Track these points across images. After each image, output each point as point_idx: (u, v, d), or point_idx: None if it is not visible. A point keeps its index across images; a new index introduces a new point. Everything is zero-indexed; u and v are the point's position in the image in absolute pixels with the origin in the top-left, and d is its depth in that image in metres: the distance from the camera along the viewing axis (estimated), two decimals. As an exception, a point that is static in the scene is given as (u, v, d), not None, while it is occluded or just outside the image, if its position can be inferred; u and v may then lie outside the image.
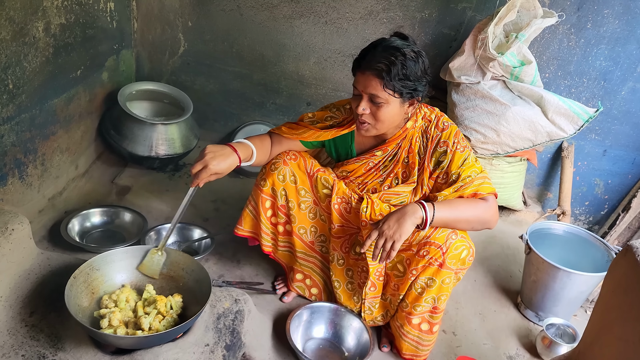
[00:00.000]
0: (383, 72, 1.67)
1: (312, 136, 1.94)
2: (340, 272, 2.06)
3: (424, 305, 1.84)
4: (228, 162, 1.71)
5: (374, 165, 1.98)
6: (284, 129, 1.97)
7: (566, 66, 2.85)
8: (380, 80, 1.68)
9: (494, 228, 1.87)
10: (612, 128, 2.95)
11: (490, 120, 2.63)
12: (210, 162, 1.67)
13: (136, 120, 2.69)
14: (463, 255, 1.77)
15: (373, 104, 1.74)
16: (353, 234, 2.01)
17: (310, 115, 2.00)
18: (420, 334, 1.90)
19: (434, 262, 1.77)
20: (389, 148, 1.93)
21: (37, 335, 1.54)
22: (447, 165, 1.84)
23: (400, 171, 1.95)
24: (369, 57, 1.71)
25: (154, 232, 2.35)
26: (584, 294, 2.22)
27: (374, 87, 1.70)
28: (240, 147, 1.79)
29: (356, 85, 1.75)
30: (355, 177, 2.01)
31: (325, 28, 2.97)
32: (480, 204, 1.79)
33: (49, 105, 2.28)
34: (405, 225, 1.68)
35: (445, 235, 1.76)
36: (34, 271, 1.76)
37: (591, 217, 3.23)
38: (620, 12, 2.67)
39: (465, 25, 2.84)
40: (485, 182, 1.83)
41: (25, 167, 2.20)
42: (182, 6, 3.01)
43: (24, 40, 2.03)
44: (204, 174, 1.66)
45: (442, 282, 1.79)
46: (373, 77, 1.69)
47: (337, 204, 1.97)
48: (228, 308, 1.77)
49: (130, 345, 1.53)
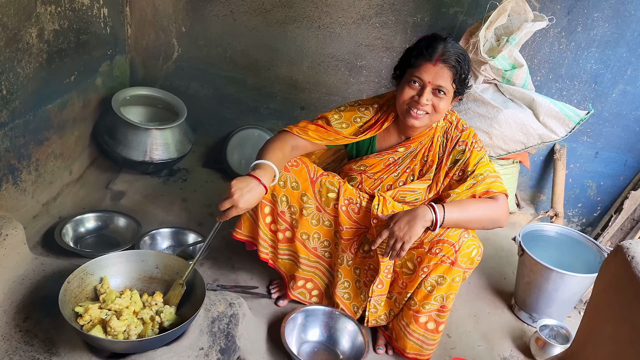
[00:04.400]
0: (456, 67, 1.78)
1: (344, 141, 1.96)
2: (348, 272, 2.06)
3: (432, 303, 1.86)
4: (256, 196, 1.68)
5: (393, 161, 2.00)
6: (312, 134, 1.93)
7: (557, 69, 2.87)
8: (452, 74, 1.79)
9: (489, 230, 1.91)
10: (603, 130, 2.98)
11: (483, 123, 2.64)
12: (239, 202, 1.62)
13: (130, 125, 2.69)
14: (473, 254, 1.81)
15: (434, 95, 1.81)
16: (362, 234, 2.01)
17: (336, 116, 1.98)
18: (425, 333, 1.91)
19: (446, 260, 1.79)
20: (412, 145, 1.97)
21: (32, 341, 1.54)
22: (464, 162, 1.90)
23: (417, 168, 1.99)
24: (440, 50, 1.78)
25: (148, 237, 2.35)
26: (577, 295, 2.24)
27: (445, 79, 1.79)
28: (263, 173, 1.73)
29: (420, 75, 1.80)
30: (374, 173, 2.02)
31: (318, 33, 2.99)
32: (490, 203, 1.84)
33: (42, 111, 2.29)
34: (415, 228, 1.72)
35: (458, 234, 1.79)
36: (28, 276, 1.76)
37: (584, 219, 3.25)
38: (610, 16, 2.70)
39: (456, 30, 2.86)
40: (497, 181, 1.88)
41: (19, 172, 2.20)
42: (176, 12, 3.02)
43: (17, 46, 2.03)
44: (233, 211, 1.64)
45: (452, 281, 1.82)
46: (447, 70, 1.78)
47: (345, 206, 1.97)
48: (223, 312, 1.77)
49: (124, 349, 1.53)
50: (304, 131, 1.93)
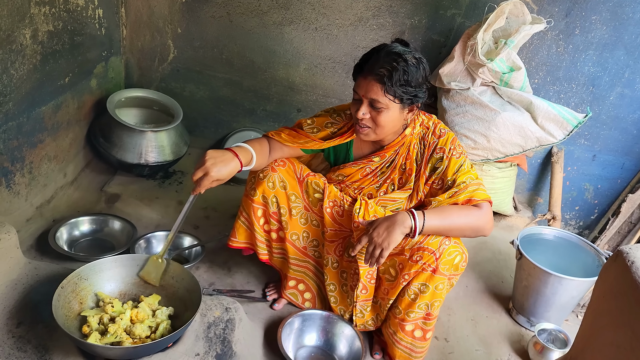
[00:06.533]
0: (385, 77, 1.68)
1: (314, 146, 1.93)
2: (334, 275, 2.05)
3: (417, 311, 1.83)
4: (230, 168, 1.67)
5: (371, 171, 1.97)
6: (284, 136, 1.94)
7: (555, 72, 2.87)
8: (382, 86, 1.69)
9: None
10: (601, 133, 2.98)
11: (480, 126, 2.64)
12: (211, 169, 1.62)
13: (125, 127, 2.66)
14: (456, 261, 1.76)
15: (373, 108, 1.75)
16: (346, 237, 2.00)
17: (309, 121, 1.98)
18: (413, 341, 1.89)
19: (427, 268, 1.76)
20: (386, 154, 1.93)
21: (25, 347, 1.52)
22: (443, 171, 1.85)
23: (396, 177, 1.95)
24: (371, 62, 1.71)
25: (143, 241, 2.33)
26: (575, 299, 2.23)
27: (375, 92, 1.70)
28: (241, 151, 1.74)
29: (357, 90, 1.76)
30: (352, 182, 2.00)
31: (315, 35, 2.97)
32: (473, 211, 1.78)
33: (36, 113, 2.26)
34: (393, 235, 1.68)
35: (438, 241, 1.75)
36: (22, 281, 1.74)
37: (581, 222, 3.25)
38: (608, 19, 2.70)
39: (454, 32, 2.86)
40: (480, 188, 1.82)
41: (12, 175, 2.18)
42: (172, 13, 3.00)
43: (10, 47, 2.01)
44: (205, 181, 1.63)
45: (435, 288, 1.78)
46: (375, 82, 1.70)
47: (330, 208, 1.96)
48: (219, 317, 1.76)
49: (119, 355, 1.51)
50: (277, 134, 1.96)
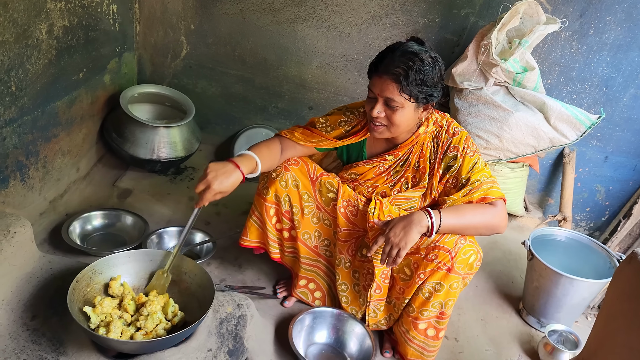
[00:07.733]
0: (400, 76, 1.67)
1: (328, 144, 1.93)
2: (346, 275, 2.05)
3: (431, 310, 1.84)
4: (231, 181, 1.65)
5: (384, 170, 1.97)
6: (297, 135, 1.94)
7: (568, 72, 2.85)
8: (397, 85, 1.69)
9: (496, 234, 1.87)
10: (613, 135, 2.96)
11: (493, 126, 2.63)
12: (213, 182, 1.61)
13: (138, 123, 2.68)
14: (471, 260, 1.77)
15: (388, 107, 1.75)
16: (360, 236, 2.00)
17: (322, 120, 1.97)
18: (426, 340, 1.89)
19: (442, 267, 1.77)
20: (400, 153, 1.93)
21: (39, 339, 1.54)
22: (457, 169, 1.85)
23: (410, 176, 1.95)
24: (386, 61, 1.71)
25: (155, 236, 2.35)
26: (586, 300, 2.22)
27: (390, 91, 1.70)
28: (243, 160, 1.71)
29: (372, 88, 1.76)
30: (365, 181, 2.00)
31: (328, 32, 2.97)
32: (488, 209, 1.78)
33: (51, 108, 2.28)
34: (410, 234, 1.68)
35: (454, 240, 1.76)
36: (36, 274, 1.75)
37: (592, 224, 3.23)
38: (623, 19, 2.68)
39: (468, 31, 2.84)
40: (494, 186, 1.82)
41: (27, 169, 2.19)
42: (185, 9, 3.01)
43: (27, 42, 2.02)
44: (207, 194, 1.62)
45: (449, 287, 1.79)
46: (390, 81, 1.70)
47: (343, 207, 1.97)
48: (231, 313, 1.77)
49: (132, 350, 1.52)
50: (291, 132, 1.95)
